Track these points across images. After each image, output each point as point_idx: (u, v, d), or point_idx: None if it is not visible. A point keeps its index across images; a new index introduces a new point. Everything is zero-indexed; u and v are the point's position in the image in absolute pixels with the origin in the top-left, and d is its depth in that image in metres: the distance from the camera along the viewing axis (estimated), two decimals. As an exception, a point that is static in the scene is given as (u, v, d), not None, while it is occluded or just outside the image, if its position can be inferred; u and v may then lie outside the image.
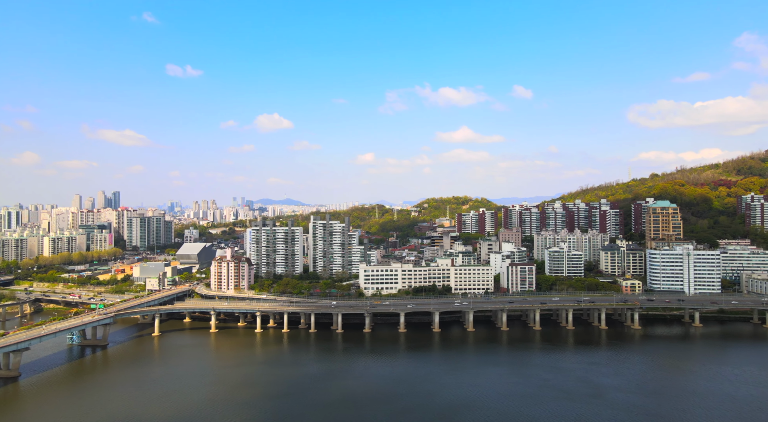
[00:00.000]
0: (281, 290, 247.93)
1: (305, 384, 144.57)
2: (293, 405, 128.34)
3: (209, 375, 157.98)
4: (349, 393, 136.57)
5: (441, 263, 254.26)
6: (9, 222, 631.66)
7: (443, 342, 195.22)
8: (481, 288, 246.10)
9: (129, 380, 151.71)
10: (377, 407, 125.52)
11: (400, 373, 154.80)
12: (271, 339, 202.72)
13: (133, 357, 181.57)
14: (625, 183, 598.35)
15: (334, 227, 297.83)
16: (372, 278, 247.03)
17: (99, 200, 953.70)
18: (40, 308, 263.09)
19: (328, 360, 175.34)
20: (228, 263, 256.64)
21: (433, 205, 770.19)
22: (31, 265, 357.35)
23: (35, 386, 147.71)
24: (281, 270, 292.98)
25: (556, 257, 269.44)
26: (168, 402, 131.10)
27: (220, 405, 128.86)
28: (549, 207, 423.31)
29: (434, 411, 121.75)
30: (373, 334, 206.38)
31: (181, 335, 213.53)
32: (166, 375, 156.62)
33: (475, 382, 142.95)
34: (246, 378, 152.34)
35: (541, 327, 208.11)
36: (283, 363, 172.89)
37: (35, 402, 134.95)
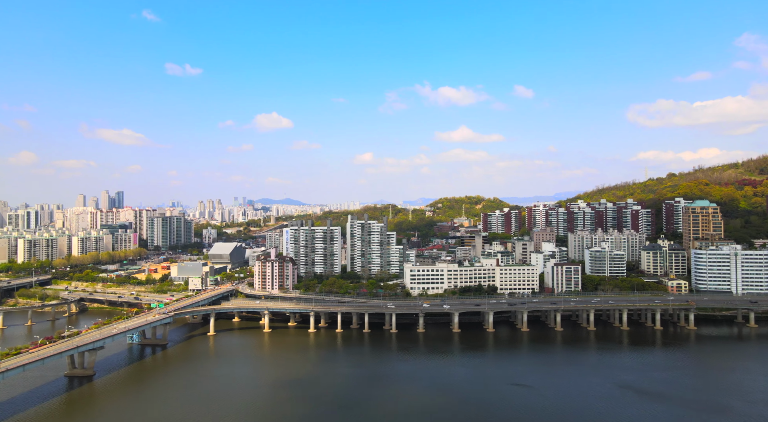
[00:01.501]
0: (327, 290, 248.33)
1: (398, 387, 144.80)
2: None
3: (278, 377, 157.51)
4: (454, 394, 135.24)
5: (485, 263, 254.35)
6: (28, 222, 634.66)
7: (501, 342, 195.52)
8: (527, 288, 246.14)
9: (199, 379, 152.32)
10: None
11: (477, 375, 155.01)
12: (327, 339, 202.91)
13: (196, 356, 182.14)
14: (642, 183, 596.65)
15: (373, 226, 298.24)
16: (418, 277, 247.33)
17: (103, 199, 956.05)
18: (84, 308, 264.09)
19: (403, 360, 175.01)
20: (272, 262, 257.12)
21: (447, 205, 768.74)
22: (64, 264, 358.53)
23: (111, 384, 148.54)
24: (320, 270, 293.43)
25: (598, 256, 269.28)
26: (240, 404, 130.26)
27: (299, 407, 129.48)
28: (574, 206, 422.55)
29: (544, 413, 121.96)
30: (427, 334, 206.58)
31: (234, 334, 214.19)
32: (235, 376, 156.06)
33: (560, 383, 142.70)
34: (319, 380, 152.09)
35: (595, 327, 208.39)
36: (357, 363, 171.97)
37: (115, 401, 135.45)
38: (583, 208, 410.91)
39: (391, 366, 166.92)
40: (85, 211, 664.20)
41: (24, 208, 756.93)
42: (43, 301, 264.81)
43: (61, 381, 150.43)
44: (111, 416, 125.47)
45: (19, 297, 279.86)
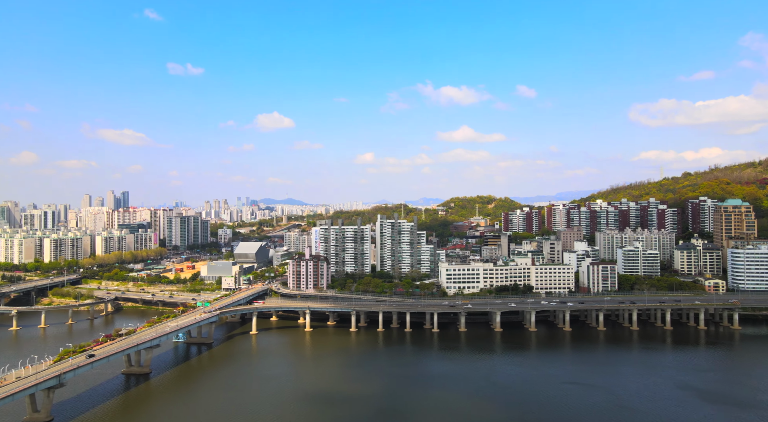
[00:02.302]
0: (363, 290, 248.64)
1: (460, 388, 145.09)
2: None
3: (327, 376, 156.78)
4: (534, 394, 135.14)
5: (519, 263, 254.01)
6: (45, 222, 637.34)
7: (545, 342, 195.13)
8: (563, 288, 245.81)
9: (249, 379, 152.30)
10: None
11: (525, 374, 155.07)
12: (370, 339, 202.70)
13: (242, 355, 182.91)
14: (658, 182, 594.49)
15: (403, 226, 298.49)
16: (454, 277, 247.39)
17: (108, 199, 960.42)
18: (119, 307, 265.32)
19: (452, 359, 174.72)
20: (307, 262, 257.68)
21: (459, 204, 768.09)
22: (91, 264, 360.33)
23: (169, 382, 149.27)
24: (350, 269, 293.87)
25: (631, 256, 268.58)
26: (290, 405, 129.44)
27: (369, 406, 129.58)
28: (595, 205, 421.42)
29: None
30: (468, 333, 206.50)
31: (275, 333, 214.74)
32: (283, 376, 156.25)
33: (619, 382, 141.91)
34: (371, 380, 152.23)
35: (637, 326, 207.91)
36: (406, 362, 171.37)
37: (174, 400, 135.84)
38: (606, 207, 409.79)
39: (443, 365, 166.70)
40: (101, 211, 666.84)
41: (31, 208, 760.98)
42: (77, 300, 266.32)
43: (119, 379, 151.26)
44: (174, 415, 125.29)
45: (53, 296, 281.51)
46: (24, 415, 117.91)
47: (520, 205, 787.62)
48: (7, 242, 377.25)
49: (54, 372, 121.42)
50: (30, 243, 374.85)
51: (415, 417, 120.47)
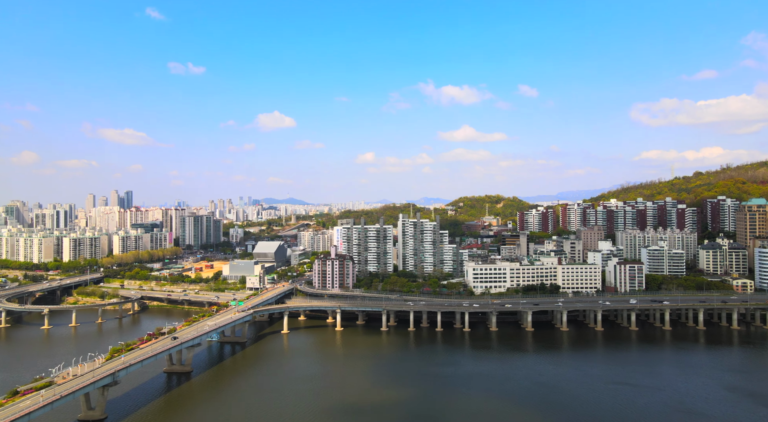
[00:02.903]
0: (389, 289, 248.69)
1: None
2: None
3: (367, 376, 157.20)
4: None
5: (545, 262, 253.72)
6: (57, 221, 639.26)
7: (578, 341, 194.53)
8: (590, 287, 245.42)
9: (286, 379, 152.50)
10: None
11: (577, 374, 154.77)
12: (401, 338, 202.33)
13: (276, 355, 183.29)
14: (669, 181, 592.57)
15: (425, 225, 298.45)
16: (481, 276, 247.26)
17: (112, 199, 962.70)
18: (145, 306, 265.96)
19: (490, 358, 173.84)
20: (333, 261, 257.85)
21: (468, 204, 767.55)
22: (111, 263, 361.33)
23: (210, 381, 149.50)
24: (372, 268, 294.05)
25: (656, 255, 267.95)
26: (330, 405, 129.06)
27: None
28: (611, 205, 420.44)
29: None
30: (500, 333, 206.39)
31: (306, 333, 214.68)
32: (319, 376, 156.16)
33: (664, 383, 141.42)
34: (413, 380, 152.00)
35: (670, 327, 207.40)
36: (443, 361, 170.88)
37: (218, 399, 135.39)
38: (622, 206, 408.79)
39: (482, 364, 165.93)
40: (111, 210, 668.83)
41: (36, 207, 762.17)
42: (103, 299, 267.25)
43: (162, 377, 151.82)
44: (220, 417, 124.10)
45: (77, 295, 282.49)
46: (78, 413, 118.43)
47: (528, 204, 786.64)
48: (26, 242, 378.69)
49: (108, 370, 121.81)
50: (49, 243, 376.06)
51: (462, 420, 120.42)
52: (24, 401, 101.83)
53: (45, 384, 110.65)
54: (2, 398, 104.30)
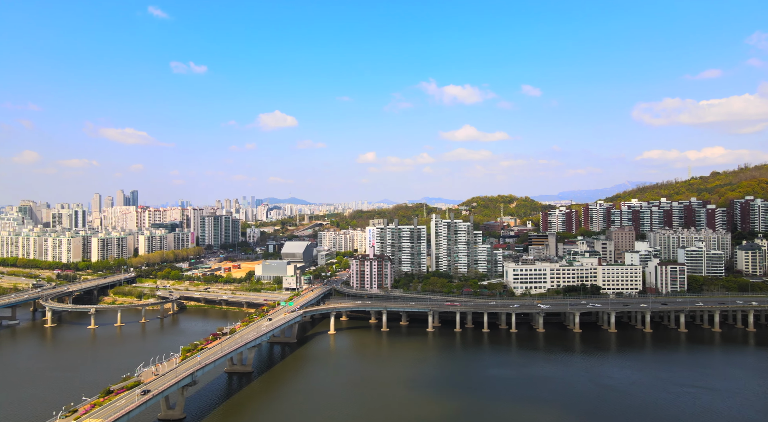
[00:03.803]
0: (429, 289, 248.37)
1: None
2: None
3: (424, 377, 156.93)
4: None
5: (585, 263, 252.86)
6: (75, 221, 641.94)
7: (627, 343, 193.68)
8: (632, 288, 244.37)
9: (340, 380, 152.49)
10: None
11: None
12: (448, 339, 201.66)
13: (328, 355, 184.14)
14: (686, 181, 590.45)
15: (459, 226, 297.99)
16: (521, 277, 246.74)
17: (118, 198, 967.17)
18: (183, 306, 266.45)
19: (543, 359, 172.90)
20: (371, 262, 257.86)
21: (482, 204, 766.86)
22: (139, 263, 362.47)
23: (272, 382, 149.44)
24: (406, 269, 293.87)
25: (695, 256, 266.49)
26: (393, 408, 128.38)
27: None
28: (636, 205, 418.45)
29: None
30: (547, 334, 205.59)
31: (353, 334, 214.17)
32: (376, 377, 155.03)
33: (742, 386, 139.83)
34: (474, 381, 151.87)
35: (719, 328, 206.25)
36: (496, 362, 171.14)
37: (288, 401, 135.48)
38: (647, 206, 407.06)
39: (540, 366, 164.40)
40: (129, 210, 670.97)
41: (44, 207, 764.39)
42: (141, 299, 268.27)
43: (224, 378, 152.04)
44: (294, 419, 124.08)
45: (114, 295, 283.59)
46: (158, 412, 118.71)
47: (541, 205, 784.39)
48: (55, 242, 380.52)
49: (187, 369, 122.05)
50: (78, 243, 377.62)
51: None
52: (119, 400, 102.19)
53: (134, 384, 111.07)
54: (97, 397, 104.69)
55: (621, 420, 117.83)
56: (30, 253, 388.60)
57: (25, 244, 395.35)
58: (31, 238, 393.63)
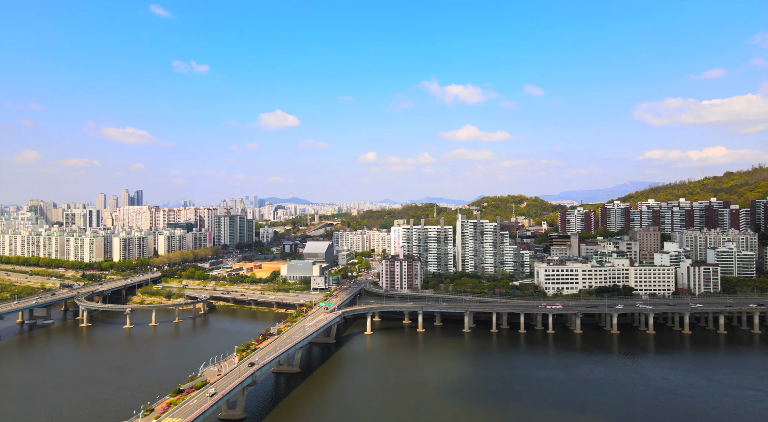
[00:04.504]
0: (460, 290, 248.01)
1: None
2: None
3: (476, 380, 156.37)
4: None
5: (616, 264, 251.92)
6: (90, 221, 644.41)
7: (666, 344, 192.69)
8: (664, 289, 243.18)
9: (396, 382, 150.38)
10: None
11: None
12: (485, 340, 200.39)
13: (369, 357, 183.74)
14: (700, 181, 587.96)
15: (485, 226, 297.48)
16: (552, 278, 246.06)
17: (123, 198, 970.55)
18: (212, 306, 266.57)
19: (589, 361, 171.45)
20: (401, 262, 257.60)
21: (492, 204, 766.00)
22: (162, 263, 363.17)
23: (321, 382, 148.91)
24: (433, 269, 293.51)
25: (725, 257, 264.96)
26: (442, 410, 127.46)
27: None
28: (655, 205, 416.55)
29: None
30: (584, 335, 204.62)
31: (389, 334, 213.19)
32: (421, 379, 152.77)
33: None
34: (523, 382, 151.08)
35: (759, 330, 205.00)
36: (539, 364, 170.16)
37: (339, 403, 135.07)
38: (668, 207, 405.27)
39: (584, 367, 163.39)
40: (142, 210, 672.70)
41: (51, 206, 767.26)
42: (169, 299, 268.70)
43: (271, 378, 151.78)
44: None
45: (142, 295, 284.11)
46: (219, 412, 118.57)
47: (551, 205, 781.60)
48: (77, 241, 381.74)
49: (248, 369, 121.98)
50: (100, 242, 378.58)
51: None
52: (191, 400, 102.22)
53: (201, 383, 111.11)
54: (169, 396, 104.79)
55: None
56: (51, 253, 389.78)
57: (46, 244, 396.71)
58: (53, 238, 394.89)
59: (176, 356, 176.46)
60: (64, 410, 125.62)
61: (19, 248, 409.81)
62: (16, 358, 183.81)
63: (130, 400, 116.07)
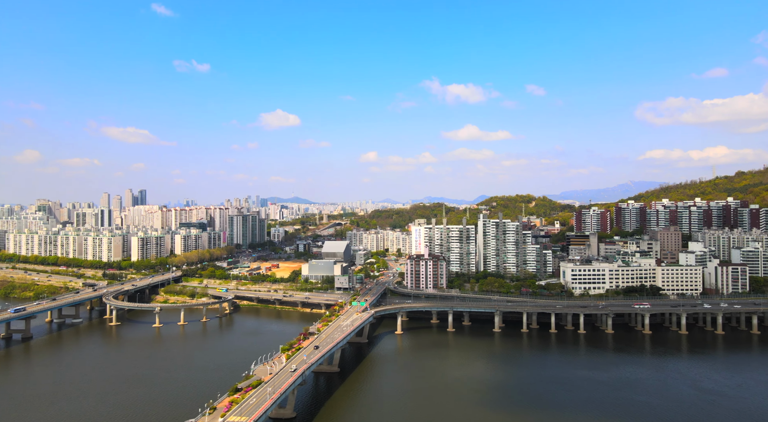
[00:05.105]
0: (486, 289, 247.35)
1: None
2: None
3: (514, 379, 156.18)
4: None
5: (642, 263, 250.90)
6: (102, 220, 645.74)
7: (702, 344, 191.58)
8: (692, 289, 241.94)
9: (436, 382, 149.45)
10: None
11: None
12: (516, 339, 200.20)
13: (405, 356, 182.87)
14: (711, 181, 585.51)
15: (508, 226, 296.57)
16: (579, 277, 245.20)
17: (126, 197, 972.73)
18: (237, 306, 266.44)
19: (626, 362, 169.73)
20: (426, 261, 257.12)
21: (501, 203, 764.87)
22: (180, 262, 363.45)
23: (361, 383, 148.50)
24: (455, 268, 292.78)
25: (751, 256, 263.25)
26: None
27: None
28: (671, 205, 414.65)
29: None
30: (616, 335, 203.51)
31: (419, 334, 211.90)
32: (458, 379, 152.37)
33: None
34: (572, 383, 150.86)
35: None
36: (576, 364, 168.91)
37: (383, 403, 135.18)
38: (685, 207, 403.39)
39: (624, 369, 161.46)
40: (153, 209, 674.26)
41: (57, 206, 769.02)
42: (192, 298, 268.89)
43: (310, 377, 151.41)
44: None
45: (165, 294, 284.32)
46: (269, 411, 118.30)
47: (559, 204, 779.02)
48: (95, 241, 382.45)
49: (297, 369, 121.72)
50: (118, 242, 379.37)
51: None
52: (250, 398, 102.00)
53: (257, 382, 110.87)
54: (227, 395, 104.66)
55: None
56: (69, 252, 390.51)
57: (64, 243, 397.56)
58: (70, 237, 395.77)
59: (217, 355, 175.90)
60: (127, 409, 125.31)
61: (36, 247, 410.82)
62: (58, 357, 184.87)
63: (186, 399, 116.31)
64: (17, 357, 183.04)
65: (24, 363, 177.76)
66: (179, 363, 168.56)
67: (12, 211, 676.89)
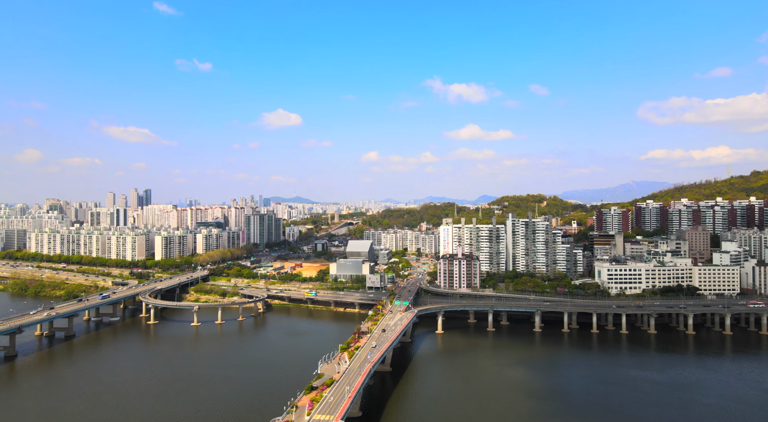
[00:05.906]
0: (520, 289, 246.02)
1: None
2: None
3: (572, 380, 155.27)
4: None
5: (678, 263, 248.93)
6: (117, 220, 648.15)
7: (751, 344, 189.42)
8: (730, 289, 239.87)
9: (487, 383, 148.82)
10: None
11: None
12: (556, 339, 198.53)
13: (448, 356, 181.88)
14: (727, 181, 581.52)
15: (537, 225, 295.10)
16: (615, 277, 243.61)
17: (131, 197, 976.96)
18: (269, 305, 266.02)
19: (671, 364, 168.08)
20: (459, 261, 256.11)
21: (513, 203, 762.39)
22: (205, 261, 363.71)
23: (414, 383, 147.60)
24: (485, 268, 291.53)
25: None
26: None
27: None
28: (693, 204, 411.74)
29: None
30: (659, 336, 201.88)
31: (458, 334, 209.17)
32: (519, 380, 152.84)
33: None
34: (634, 385, 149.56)
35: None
36: (626, 365, 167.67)
37: (440, 404, 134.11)
38: (707, 206, 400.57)
39: (679, 369, 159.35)
40: (167, 208, 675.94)
41: (65, 204, 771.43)
42: (223, 297, 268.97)
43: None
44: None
45: (194, 292, 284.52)
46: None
47: (570, 204, 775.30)
48: (119, 240, 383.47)
49: (363, 369, 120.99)
50: (142, 241, 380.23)
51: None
52: (328, 397, 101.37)
53: (330, 381, 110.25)
54: (303, 393, 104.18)
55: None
56: (92, 251, 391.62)
57: (87, 242, 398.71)
58: (94, 236, 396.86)
59: (274, 354, 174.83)
60: (205, 407, 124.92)
61: (58, 246, 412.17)
62: (108, 354, 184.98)
63: (264, 397, 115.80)
64: (64, 354, 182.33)
65: (82, 360, 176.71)
66: (235, 363, 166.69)
67: (24, 210, 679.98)
